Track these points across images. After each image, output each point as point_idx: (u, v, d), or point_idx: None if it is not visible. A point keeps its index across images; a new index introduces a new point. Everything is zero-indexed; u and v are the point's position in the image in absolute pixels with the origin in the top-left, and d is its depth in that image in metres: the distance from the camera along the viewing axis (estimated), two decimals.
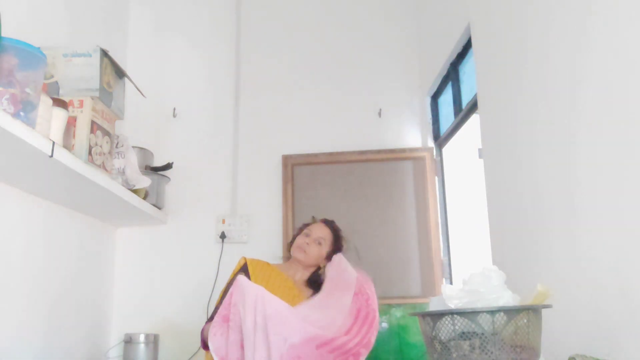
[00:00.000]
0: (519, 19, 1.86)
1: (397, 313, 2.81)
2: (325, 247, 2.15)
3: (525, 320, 1.19)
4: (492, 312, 1.18)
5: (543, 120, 1.68)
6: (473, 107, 2.38)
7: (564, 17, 1.56)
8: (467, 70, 2.59)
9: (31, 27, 2.09)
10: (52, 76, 2.06)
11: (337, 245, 2.18)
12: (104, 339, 2.74)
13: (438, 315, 1.25)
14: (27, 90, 1.60)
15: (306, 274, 2.15)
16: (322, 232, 2.15)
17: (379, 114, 3.10)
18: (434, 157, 2.98)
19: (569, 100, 1.53)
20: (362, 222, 2.91)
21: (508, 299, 1.23)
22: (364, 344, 1.75)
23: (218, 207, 3.00)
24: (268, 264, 2.16)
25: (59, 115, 1.83)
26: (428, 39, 3.08)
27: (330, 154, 3.02)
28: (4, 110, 1.51)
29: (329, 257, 2.13)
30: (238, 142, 3.11)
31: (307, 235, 2.14)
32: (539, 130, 1.71)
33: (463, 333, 1.20)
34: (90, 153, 2.05)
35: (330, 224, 2.23)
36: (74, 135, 2.02)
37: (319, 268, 2.16)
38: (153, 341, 2.69)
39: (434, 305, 1.33)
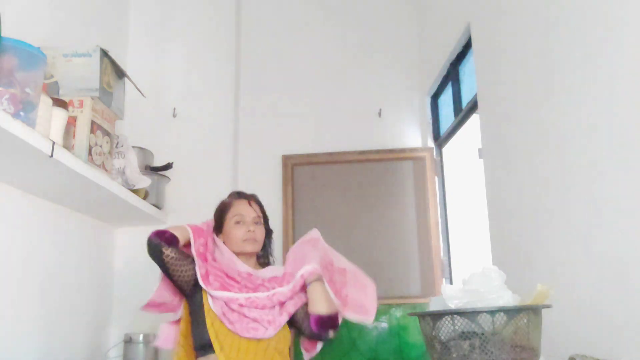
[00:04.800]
0: (519, 19, 1.86)
1: (397, 313, 2.81)
2: (262, 224, 2.05)
3: (525, 320, 1.19)
4: (492, 312, 1.17)
5: (543, 120, 1.68)
6: (473, 107, 2.38)
7: (563, 16, 1.56)
8: (467, 70, 2.59)
9: (31, 27, 2.09)
10: (52, 76, 2.06)
11: (265, 216, 2.08)
12: (104, 339, 2.74)
13: (438, 315, 1.25)
14: (27, 90, 1.60)
15: (254, 259, 2.05)
16: (252, 211, 2.01)
17: (379, 114, 3.10)
18: (434, 157, 2.98)
19: (569, 100, 1.53)
20: (362, 222, 2.92)
21: (508, 299, 1.23)
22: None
23: None
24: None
25: (59, 115, 1.83)
26: (428, 39, 3.08)
27: (330, 154, 3.02)
28: (4, 110, 1.51)
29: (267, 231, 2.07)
30: (238, 142, 3.11)
31: (242, 222, 1.99)
32: (538, 130, 1.71)
33: (463, 333, 1.20)
34: (90, 153, 2.05)
35: (249, 197, 2.07)
36: (74, 135, 2.02)
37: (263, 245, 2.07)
38: (153, 341, 2.69)
39: (434, 305, 1.33)
